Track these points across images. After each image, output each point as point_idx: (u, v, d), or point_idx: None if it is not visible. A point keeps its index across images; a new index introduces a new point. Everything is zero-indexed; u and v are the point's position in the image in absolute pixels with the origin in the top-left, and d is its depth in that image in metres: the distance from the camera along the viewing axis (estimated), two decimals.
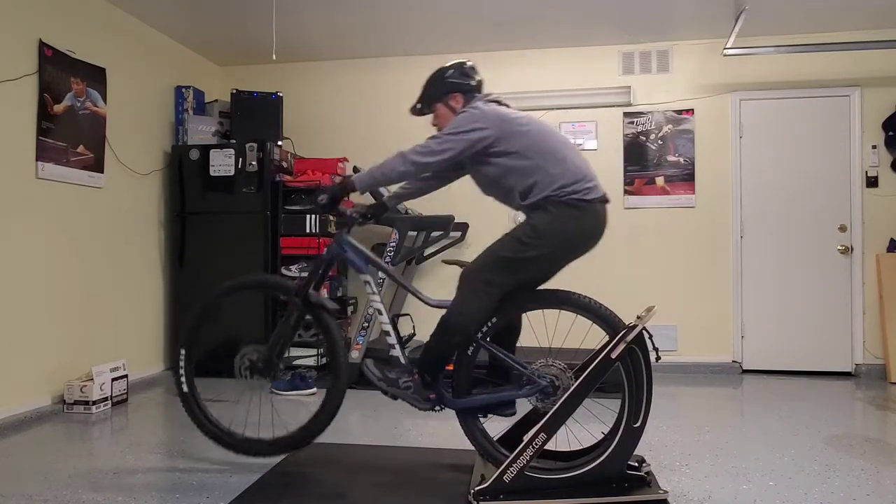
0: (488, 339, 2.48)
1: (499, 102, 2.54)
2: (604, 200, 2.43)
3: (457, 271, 2.56)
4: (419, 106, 2.65)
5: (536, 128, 2.44)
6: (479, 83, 2.62)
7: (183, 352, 2.78)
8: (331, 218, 4.79)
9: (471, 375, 2.49)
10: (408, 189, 2.80)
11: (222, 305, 2.86)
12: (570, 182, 2.36)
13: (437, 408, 2.50)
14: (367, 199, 4.62)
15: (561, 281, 2.47)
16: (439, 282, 5.28)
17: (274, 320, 4.72)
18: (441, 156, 2.38)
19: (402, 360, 2.57)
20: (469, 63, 2.63)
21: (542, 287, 2.51)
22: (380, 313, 2.64)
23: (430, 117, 2.65)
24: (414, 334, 2.74)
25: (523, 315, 2.59)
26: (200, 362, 4.82)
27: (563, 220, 2.35)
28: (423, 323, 2.51)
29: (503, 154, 2.40)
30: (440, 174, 2.73)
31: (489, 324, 2.46)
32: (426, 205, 4.77)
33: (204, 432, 2.75)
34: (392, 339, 2.60)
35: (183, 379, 2.77)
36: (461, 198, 5.22)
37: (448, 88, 2.57)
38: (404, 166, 2.40)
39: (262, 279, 2.97)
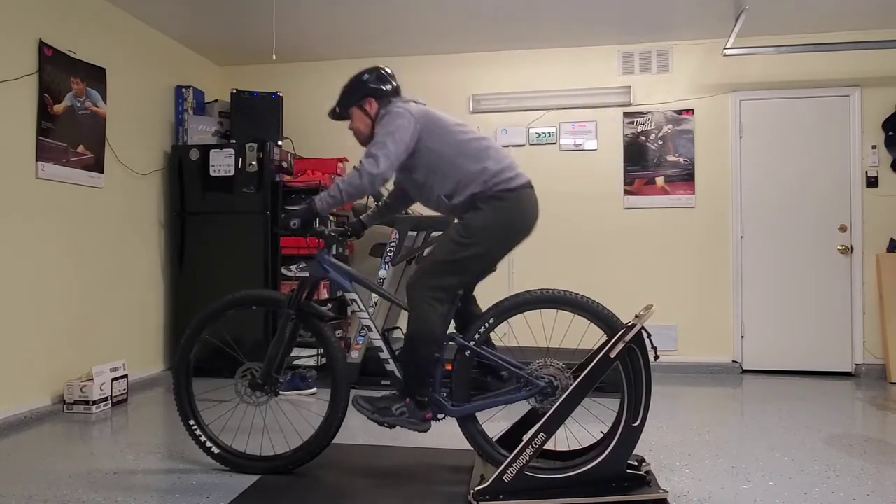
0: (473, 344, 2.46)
1: (416, 102, 2.57)
2: (528, 186, 2.46)
3: None
4: (337, 109, 2.66)
5: (453, 127, 2.48)
6: (396, 88, 2.64)
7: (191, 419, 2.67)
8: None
9: (469, 382, 2.48)
10: (380, 208, 2.83)
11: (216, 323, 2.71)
12: (491, 175, 2.39)
13: (439, 417, 2.48)
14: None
15: (560, 281, 2.47)
16: None
17: (275, 322, 4.72)
18: (389, 158, 2.39)
19: (397, 374, 2.54)
20: (387, 69, 2.65)
21: (541, 287, 2.51)
22: (369, 330, 2.60)
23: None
24: None
25: (522, 315, 2.59)
26: (201, 361, 4.87)
27: (495, 214, 2.39)
28: None
29: (425, 153, 2.44)
30: (402, 195, 2.77)
31: (483, 327, 2.45)
32: None
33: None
34: (385, 355, 2.57)
35: (209, 443, 2.67)
36: None
37: (363, 93, 2.60)
38: (361, 179, 2.40)
39: (250, 295, 2.71)
